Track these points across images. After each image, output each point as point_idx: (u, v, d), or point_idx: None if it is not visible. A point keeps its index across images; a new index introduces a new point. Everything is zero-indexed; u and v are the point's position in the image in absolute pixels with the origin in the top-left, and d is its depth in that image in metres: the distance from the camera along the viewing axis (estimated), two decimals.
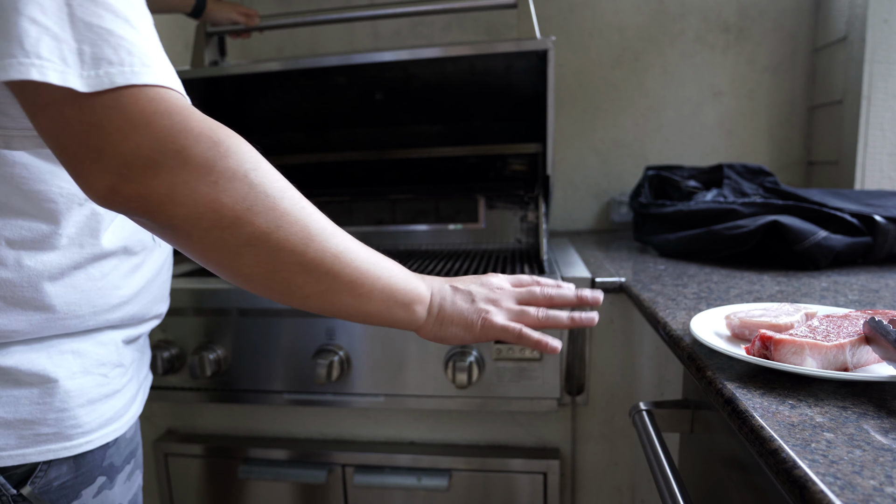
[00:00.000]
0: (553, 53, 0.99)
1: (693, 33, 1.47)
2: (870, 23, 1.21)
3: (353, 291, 0.48)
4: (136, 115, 0.39)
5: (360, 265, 0.48)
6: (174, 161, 0.39)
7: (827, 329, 0.48)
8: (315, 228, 0.45)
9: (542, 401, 0.90)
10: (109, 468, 0.58)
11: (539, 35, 1.00)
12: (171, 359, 0.95)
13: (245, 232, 0.42)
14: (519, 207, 1.36)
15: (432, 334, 0.55)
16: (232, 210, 0.41)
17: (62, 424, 0.53)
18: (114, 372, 0.58)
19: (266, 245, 0.43)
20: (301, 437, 1.04)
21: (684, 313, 0.66)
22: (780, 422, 0.38)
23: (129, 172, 0.39)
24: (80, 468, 0.55)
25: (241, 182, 0.41)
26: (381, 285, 0.50)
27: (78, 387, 0.53)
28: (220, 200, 0.41)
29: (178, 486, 1.06)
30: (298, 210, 0.44)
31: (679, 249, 1.05)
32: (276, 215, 0.43)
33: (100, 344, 0.56)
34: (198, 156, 0.40)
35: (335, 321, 0.91)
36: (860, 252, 0.91)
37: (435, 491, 0.96)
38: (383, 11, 1.08)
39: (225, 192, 0.41)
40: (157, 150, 0.39)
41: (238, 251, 0.43)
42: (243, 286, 0.46)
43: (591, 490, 0.99)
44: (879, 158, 1.26)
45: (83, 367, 0.54)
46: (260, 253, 0.43)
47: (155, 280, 0.63)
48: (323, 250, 0.45)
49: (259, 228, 0.42)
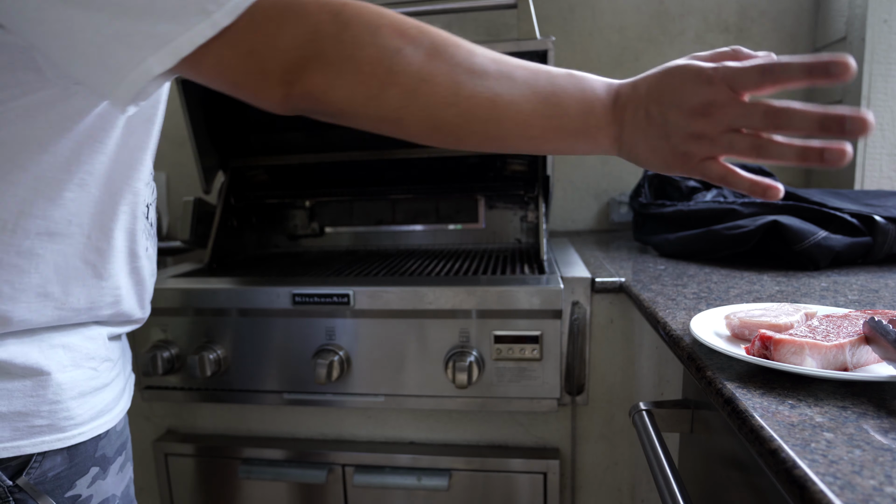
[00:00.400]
0: (553, 54, 0.99)
1: (693, 33, 1.47)
2: (869, 23, 1.21)
3: (525, 134, 0.47)
4: (272, 28, 0.41)
5: (521, 110, 0.46)
6: (319, 57, 0.42)
7: (827, 329, 0.48)
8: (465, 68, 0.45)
9: (542, 401, 0.90)
10: (102, 459, 0.60)
11: (539, 35, 1.00)
12: (171, 359, 0.95)
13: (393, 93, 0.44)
14: (519, 207, 1.36)
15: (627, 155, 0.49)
16: (377, 76, 0.43)
17: (55, 416, 0.54)
18: (103, 366, 0.59)
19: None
20: (301, 437, 1.04)
21: (684, 313, 0.66)
22: (780, 422, 0.38)
23: (291, 78, 0.43)
24: (74, 459, 0.56)
25: (375, 48, 0.43)
26: (553, 125, 0.47)
27: (70, 379, 0.55)
28: (362, 71, 0.43)
29: (177, 486, 1.06)
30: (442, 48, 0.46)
31: (679, 249, 1.05)
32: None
33: (88, 338, 0.58)
34: (329, 38, 0.42)
35: (335, 321, 0.91)
36: (860, 252, 0.91)
37: (435, 491, 0.96)
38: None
39: (364, 63, 0.43)
40: (302, 53, 0.42)
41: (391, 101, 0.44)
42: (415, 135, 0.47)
43: (591, 490, 0.99)
44: (879, 158, 1.27)
45: (73, 360, 0.56)
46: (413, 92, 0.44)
47: (148, 281, 0.65)
48: (473, 93, 0.45)
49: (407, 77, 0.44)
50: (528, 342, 0.87)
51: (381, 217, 1.42)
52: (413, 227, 1.41)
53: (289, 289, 0.90)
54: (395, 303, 0.88)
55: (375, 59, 0.43)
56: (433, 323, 0.89)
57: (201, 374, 0.92)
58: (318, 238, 1.45)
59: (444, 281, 0.91)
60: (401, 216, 1.42)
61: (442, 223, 1.40)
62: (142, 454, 1.11)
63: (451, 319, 0.88)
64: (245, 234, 1.38)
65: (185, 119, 1.14)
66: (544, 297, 0.85)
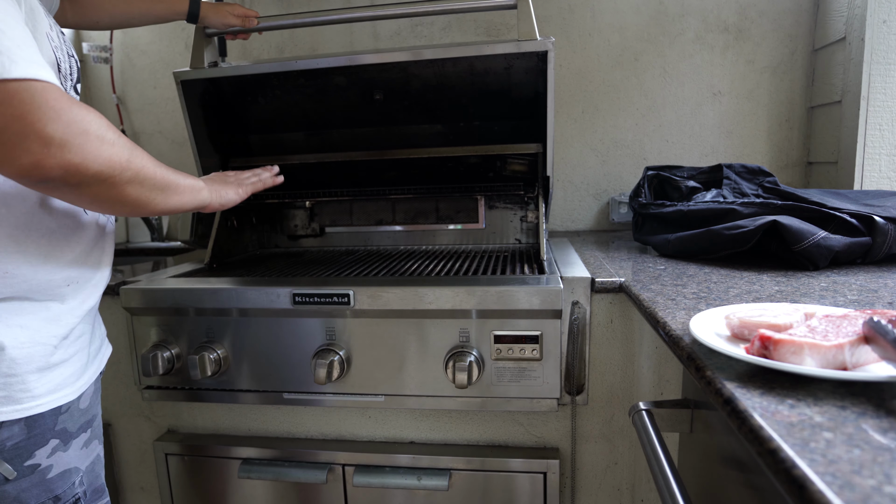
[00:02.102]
0: (553, 54, 0.99)
1: (692, 34, 1.47)
2: (869, 23, 1.22)
3: (177, 191, 0.69)
4: (43, 104, 0.49)
5: (178, 178, 0.69)
6: (81, 138, 0.52)
7: (826, 329, 0.48)
8: (151, 161, 0.63)
9: (541, 400, 0.90)
10: (63, 433, 0.64)
11: (539, 36, 1.00)
12: (170, 359, 0.95)
13: (129, 175, 0.58)
14: (519, 207, 1.36)
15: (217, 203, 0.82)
16: (122, 162, 0.57)
17: (11, 389, 0.59)
18: (62, 342, 0.64)
19: (141, 178, 0.61)
20: (301, 437, 1.04)
21: (684, 313, 0.66)
22: (780, 421, 0.39)
23: (48, 150, 0.49)
24: (32, 430, 0.61)
25: (112, 142, 0.56)
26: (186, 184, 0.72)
27: (26, 355, 0.60)
28: (115, 158, 0.56)
29: (177, 486, 1.06)
30: (140, 152, 0.62)
31: (678, 249, 1.05)
32: (138, 155, 0.60)
33: (47, 320, 0.63)
34: (98, 130, 0.54)
35: (335, 321, 0.91)
36: (859, 252, 0.91)
37: (435, 490, 0.96)
38: (383, 12, 1.08)
39: (113, 151, 0.56)
40: (64, 131, 0.50)
41: (125, 188, 0.59)
42: (121, 212, 0.63)
43: (591, 490, 0.99)
44: (878, 158, 1.27)
45: (31, 337, 0.61)
46: (142, 184, 0.61)
47: (93, 250, 0.70)
48: (164, 173, 0.65)
49: (136, 168, 0.59)
50: (528, 342, 0.88)
51: (381, 217, 1.42)
52: (413, 227, 1.41)
53: (289, 289, 0.90)
54: (395, 303, 0.88)
55: None
56: (433, 323, 0.89)
57: (201, 374, 0.92)
58: (318, 238, 1.45)
59: (444, 281, 0.91)
60: (401, 216, 1.42)
61: (442, 223, 1.40)
62: (142, 454, 1.11)
63: (451, 319, 0.88)
64: (245, 234, 1.38)
65: (185, 119, 1.15)
66: (544, 297, 0.85)
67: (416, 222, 1.41)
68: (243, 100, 1.27)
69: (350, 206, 1.43)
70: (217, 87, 1.22)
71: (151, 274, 1.08)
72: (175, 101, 1.69)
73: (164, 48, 1.69)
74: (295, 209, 1.45)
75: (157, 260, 1.39)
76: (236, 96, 1.26)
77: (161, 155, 1.63)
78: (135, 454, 1.12)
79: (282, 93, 1.25)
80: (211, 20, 1.08)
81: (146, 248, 1.67)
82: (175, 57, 1.68)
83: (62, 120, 0.50)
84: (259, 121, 1.32)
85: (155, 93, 1.72)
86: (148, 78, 1.71)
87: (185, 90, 1.14)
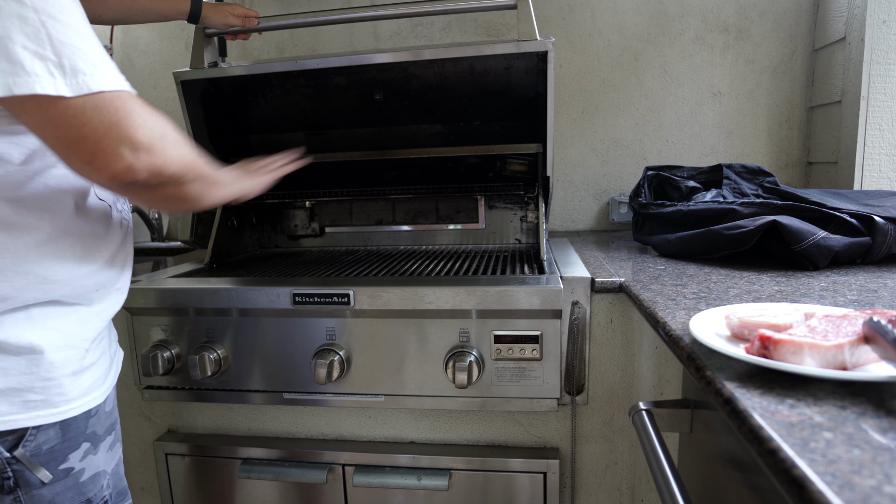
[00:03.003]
0: (553, 55, 0.99)
1: (692, 34, 1.47)
2: (868, 23, 1.22)
3: (223, 185, 0.71)
4: (132, 112, 0.52)
5: (222, 173, 0.71)
6: (162, 142, 0.55)
7: (826, 329, 0.48)
8: (204, 158, 0.65)
9: (541, 400, 0.90)
10: (93, 436, 0.65)
11: (539, 36, 1.00)
12: (171, 359, 0.95)
13: (194, 174, 0.61)
14: (519, 207, 1.36)
15: None
16: (190, 161, 0.60)
17: (49, 392, 0.59)
18: (91, 345, 0.65)
19: (201, 176, 0.64)
20: (301, 437, 1.04)
21: (684, 313, 0.67)
22: (779, 421, 0.39)
23: (137, 154, 0.52)
24: (67, 433, 0.61)
25: (181, 144, 0.59)
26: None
27: (62, 358, 0.60)
28: (186, 158, 0.59)
29: (177, 486, 1.06)
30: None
31: (678, 249, 1.05)
32: (198, 154, 0.63)
33: (78, 322, 0.63)
34: (172, 133, 0.57)
35: (335, 321, 0.91)
36: (859, 252, 0.91)
37: (435, 490, 0.96)
38: (383, 12, 1.08)
39: (184, 153, 0.59)
40: (149, 136, 0.53)
41: (190, 185, 0.62)
42: (179, 208, 0.65)
43: (591, 489, 0.99)
44: (878, 159, 1.27)
45: (66, 340, 0.61)
46: (201, 181, 0.63)
47: (118, 253, 0.70)
48: (212, 169, 0.67)
49: (200, 166, 0.63)
50: (528, 342, 0.88)
51: (381, 217, 1.42)
52: (413, 227, 1.41)
53: (289, 289, 0.90)
54: (395, 303, 0.88)
55: None
56: (433, 323, 0.89)
57: (201, 373, 0.92)
58: (318, 238, 1.45)
59: (444, 281, 0.91)
60: (401, 216, 1.42)
61: (442, 223, 1.40)
62: (142, 454, 1.11)
63: (451, 319, 0.88)
64: (245, 234, 1.38)
65: (185, 119, 1.15)
66: (544, 297, 0.85)
67: (416, 222, 1.41)
68: (243, 100, 1.27)
69: (350, 206, 1.43)
70: (217, 88, 1.22)
71: (151, 274, 1.08)
72: (175, 101, 1.69)
73: (165, 48, 1.68)
74: (295, 209, 1.45)
75: (157, 260, 1.39)
76: (236, 96, 1.26)
77: None
78: (135, 454, 1.11)
79: (282, 93, 1.25)
80: (212, 20, 1.08)
81: (146, 248, 1.66)
82: (175, 57, 1.68)
83: (147, 125, 0.53)
84: (259, 120, 1.32)
85: (155, 93, 1.72)
86: (148, 78, 1.71)
87: (185, 90, 1.14)
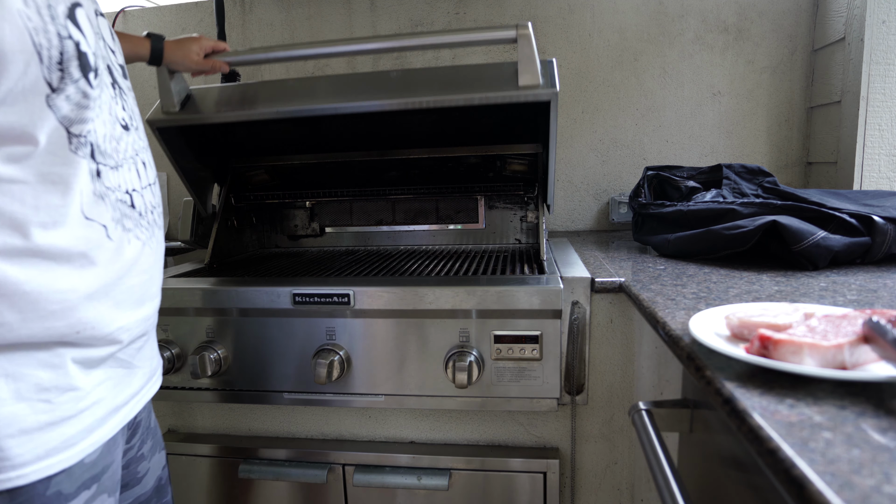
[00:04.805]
0: (556, 103, 0.95)
1: (692, 34, 1.47)
2: (868, 24, 1.22)
3: None
4: None
5: None
6: None
7: (825, 329, 0.48)
8: None
9: (541, 400, 0.90)
10: (56, 497, 0.51)
11: (541, 78, 0.94)
12: (171, 359, 0.95)
13: None
14: (519, 207, 1.37)
15: None
16: None
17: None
18: (63, 397, 0.51)
19: None
20: (301, 437, 1.04)
21: (683, 313, 0.67)
22: (779, 421, 0.39)
23: None
24: (16, 500, 0.49)
25: None
26: None
27: (8, 415, 0.47)
28: None
29: (178, 486, 1.06)
30: None
31: (678, 249, 1.05)
32: None
33: (45, 365, 0.50)
34: None
35: (335, 321, 0.91)
36: (858, 252, 0.91)
37: (435, 490, 0.96)
38: (380, 45, 1.01)
39: None
40: None
41: None
42: None
43: (591, 489, 0.99)
44: (878, 159, 1.27)
45: (17, 392, 0.48)
46: None
47: (116, 284, 0.56)
48: None
49: None
50: (528, 342, 0.88)
51: (381, 217, 1.42)
52: (413, 227, 1.41)
53: (289, 289, 0.90)
54: (395, 303, 0.88)
55: None
56: (433, 323, 0.89)
57: (202, 373, 0.92)
58: (318, 238, 1.45)
59: (444, 281, 0.91)
60: (401, 216, 1.42)
61: (442, 223, 1.40)
62: None
63: (451, 319, 0.89)
64: (245, 234, 1.38)
65: (165, 152, 1.12)
66: (544, 297, 0.85)
67: (416, 222, 1.41)
68: (228, 131, 1.24)
69: (350, 206, 1.43)
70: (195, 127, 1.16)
71: None
72: None
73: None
74: (295, 209, 1.45)
75: None
76: (218, 130, 1.22)
77: (161, 155, 1.63)
78: None
79: (270, 123, 1.19)
80: (174, 62, 0.99)
81: None
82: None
83: None
84: (246, 146, 1.29)
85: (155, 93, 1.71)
86: (149, 78, 1.71)
87: (160, 133, 1.09)
